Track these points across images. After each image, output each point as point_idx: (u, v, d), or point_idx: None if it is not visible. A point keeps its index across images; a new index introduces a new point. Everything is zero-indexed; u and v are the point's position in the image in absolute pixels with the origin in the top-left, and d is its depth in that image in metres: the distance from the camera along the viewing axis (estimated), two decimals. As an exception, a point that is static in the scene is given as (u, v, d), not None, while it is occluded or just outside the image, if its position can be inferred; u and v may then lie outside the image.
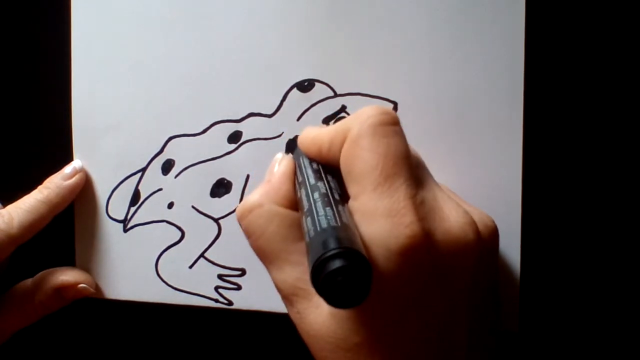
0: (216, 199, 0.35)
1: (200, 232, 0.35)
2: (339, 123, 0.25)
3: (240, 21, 0.34)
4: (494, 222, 0.26)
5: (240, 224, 0.26)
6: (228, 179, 0.34)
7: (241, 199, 0.34)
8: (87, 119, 0.35)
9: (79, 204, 0.36)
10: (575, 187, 0.33)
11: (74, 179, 0.35)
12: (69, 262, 0.36)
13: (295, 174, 0.27)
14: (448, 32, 0.32)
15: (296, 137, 0.33)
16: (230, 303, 0.35)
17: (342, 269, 0.19)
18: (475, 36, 0.32)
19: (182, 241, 0.35)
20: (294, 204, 0.26)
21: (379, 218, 0.22)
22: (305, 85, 0.33)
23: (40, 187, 0.35)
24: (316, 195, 0.23)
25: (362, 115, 0.24)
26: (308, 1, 0.33)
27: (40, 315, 0.35)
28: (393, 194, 0.22)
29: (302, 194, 0.25)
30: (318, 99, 0.33)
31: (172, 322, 0.37)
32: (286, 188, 0.26)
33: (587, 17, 0.32)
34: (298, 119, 0.34)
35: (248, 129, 0.34)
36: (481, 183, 0.32)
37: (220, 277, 0.35)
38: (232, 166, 0.34)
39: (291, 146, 0.34)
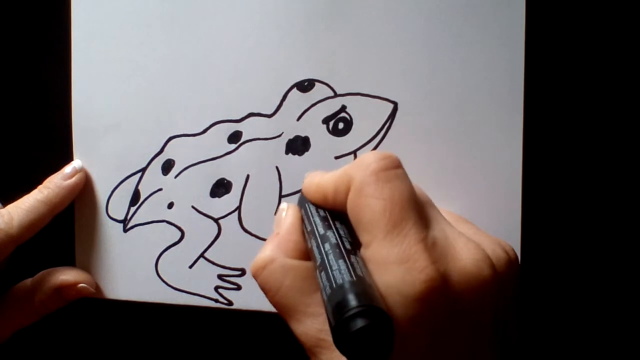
0: (216, 199, 0.35)
1: (200, 232, 0.35)
2: (341, 170, 0.25)
3: (240, 21, 0.34)
4: (509, 250, 0.26)
5: (256, 280, 0.26)
6: (228, 179, 0.34)
7: (241, 199, 0.34)
8: (87, 119, 0.35)
9: (79, 204, 0.36)
10: (575, 187, 0.33)
11: (73, 179, 0.35)
12: (69, 262, 0.36)
13: (302, 222, 0.27)
14: (448, 32, 0.32)
15: (296, 137, 0.33)
16: (230, 303, 0.35)
17: (364, 328, 0.19)
18: (475, 36, 0.31)
19: (182, 241, 0.35)
20: (305, 254, 0.25)
21: (393, 266, 0.22)
22: (305, 85, 0.33)
23: (40, 187, 0.35)
24: (327, 246, 0.23)
25: (364, 163, 0.24)
26: (308, 1, 0.33)
27: (41, 315, 0.35)
28: (404, 240, 0.22)
29: (313, 244, 0.24)
30: (318, 99, 0.33)
31: (172, 322, 0.37)
32: (295, 239, 0.26)
33: (587, 17, 0.32)
34: (298, 119, 0.34)
35: (248, 129, 0.34)
36: (481, 183, 0.32)
37: (220, 277, 0.35)
38: (232, 166, 0.34)
39: (292, 146, 0.34)
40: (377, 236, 0.22)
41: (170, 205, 0.35)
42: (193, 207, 0.35)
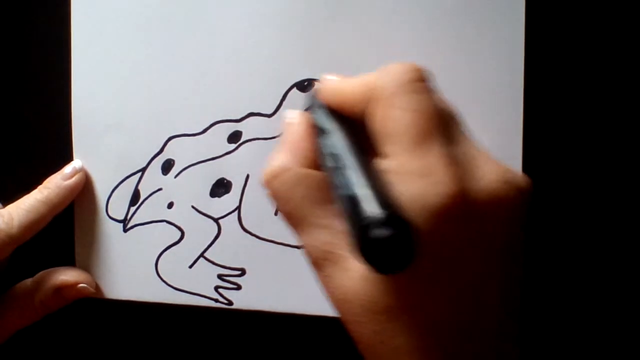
0: (216, 198, 0.35)
1: (200, 232, 0.35)
2: (364, 77, 0.24)
3: (240, 21, 0.34)
4: (525, 180, 0.25)
5: (266, 189, 0.25)
6: (228, 178, 0.34)
7: (241, 199, 0.34)
8: (87, 119, 0.35)
9: (79, 204, 0.36)
10: (575, 187, 0.33)
11: (73, 179, 0.35)
12: (69, 262, 0.36)
13: (314, 129, 0.26)
14: (448, 32, 0.32)
15: (296, 137, 0.33)
16: (230, 303, 0.35)
17: (389, 237, 0.19)
18: (475, 36, 0.31)
19: (182, 241, 0.35)
20: (317, 163, 0.25)
21: (415, 178, 0.22)
22: (305, 85, 0.33)
23: (40, 187, 0.35)
24: (344, 154, 0.23)
25: (392, 73, 0.23)
26: (308, 1, 0.33)
27: (41, 315, 0.35)
28: (428, 153, 0.22)
29: (327, 151, 0.24)
30: (318, 99, 0.33)
31: (172, 322, 0.37)
32: (307, 147, 0.25)
33: (587, 17, 0.32)
34: (298, 119, 0.33)
35: (248, 128, 0.34)
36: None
37: (220, 277, 0.35)
38: (232, 166, 0.34)
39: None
40: (402, 147, 0.22)
41: (170, 205, 0.35)
42: (193, 207, 0.35)
